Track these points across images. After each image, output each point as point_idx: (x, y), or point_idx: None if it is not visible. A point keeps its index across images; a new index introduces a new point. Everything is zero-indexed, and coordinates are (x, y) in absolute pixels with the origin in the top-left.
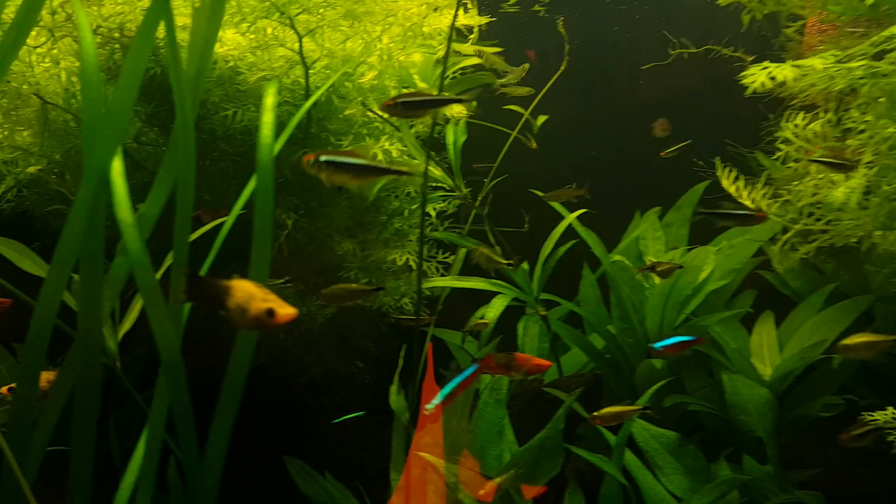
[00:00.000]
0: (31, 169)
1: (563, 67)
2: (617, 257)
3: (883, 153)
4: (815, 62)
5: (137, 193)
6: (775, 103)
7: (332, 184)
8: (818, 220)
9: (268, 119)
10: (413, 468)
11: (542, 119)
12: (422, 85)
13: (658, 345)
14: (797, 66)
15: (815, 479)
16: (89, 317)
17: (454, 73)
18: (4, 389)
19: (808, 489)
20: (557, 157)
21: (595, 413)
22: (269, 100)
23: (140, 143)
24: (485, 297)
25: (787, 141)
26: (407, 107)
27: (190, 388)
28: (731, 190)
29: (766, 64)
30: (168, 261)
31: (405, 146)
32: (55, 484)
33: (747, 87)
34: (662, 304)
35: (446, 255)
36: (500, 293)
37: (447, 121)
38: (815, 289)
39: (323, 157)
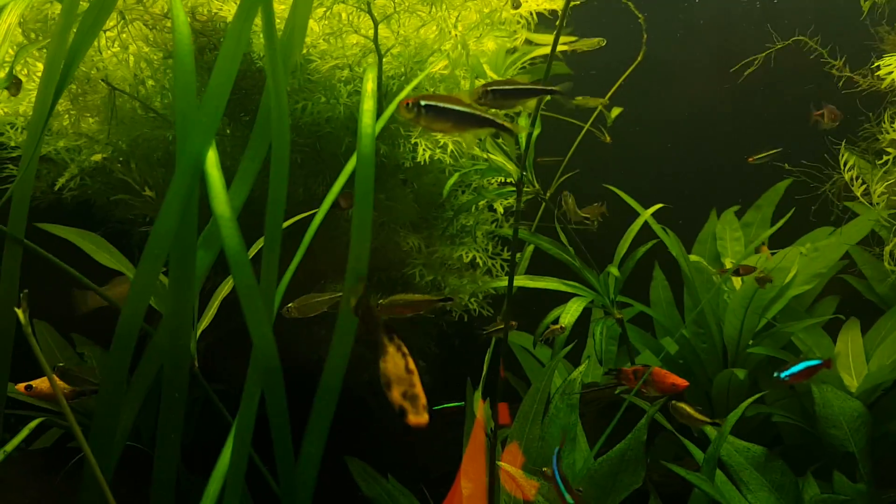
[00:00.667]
0: (96, 157)
1: (639, 58)
2: (695, 258)
3: None
4: None
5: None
6: (871, 101)
7: (429, 130)
8: None
9: (368, 107)
10: (479, 477)
11: (616, 111)
12: (492, 75)
13: (784, 374)
14: None
15: None
16: (179, 314)
17: (524, 63)
18: (21, 387)
19: None
20: (632, 152)
21: (675, 402)
22: (370, 85)
23: None
24: (552, 297)
25: (893, 143)
26: (498, 95)
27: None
28: (847, 178)
29: None
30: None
31: (481, 139)
32: (129, 480)
33: (840, 82)
34: (744, 309)
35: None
36: (576, 294)
37: (518, 113)
38: None
39: (423, 102)
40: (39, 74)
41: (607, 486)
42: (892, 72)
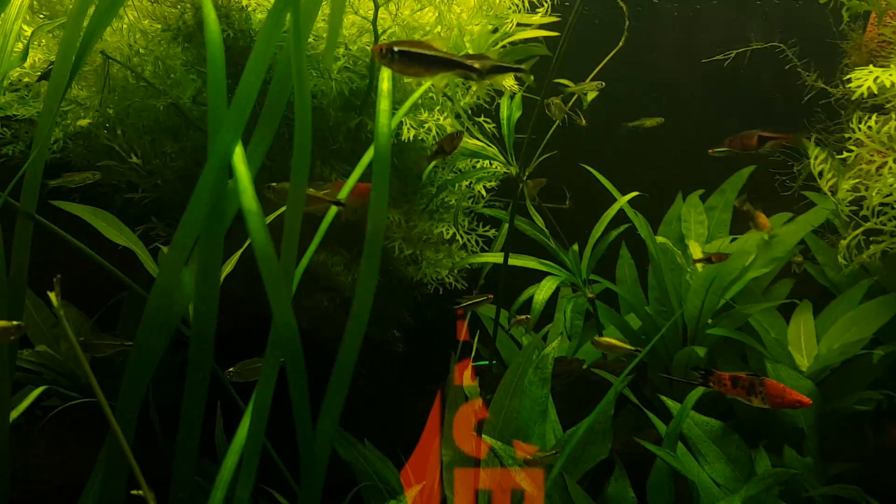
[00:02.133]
0: (82, 122)
1: (620, 44)
2: (661, 239)
3: None
4: None
5: (191, 156)
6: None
7: (403, 74)
8: (890, 220)
9: (385, 107)
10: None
11: (592, 95)
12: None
13: None
14: None
15: (852, 473)
16: (205, 300)
17: (504, 44)
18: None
19: (843, 482)
20: (607, 136)
21: (596, 338)
22: (385, 85)
23: (197, 102)
24: (526, 274)
25: (858, 142)
26: (405, 60)
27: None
28: (816, 173)
29: (870, 68)
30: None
31: (458, 119)
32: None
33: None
34: (705, 290)
35: (487, 227)
36: (550, 273)
37: (501, 94)
38: (853, 282)
39: (396, 48)
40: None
41: (576, 456)
42: (860, 85)
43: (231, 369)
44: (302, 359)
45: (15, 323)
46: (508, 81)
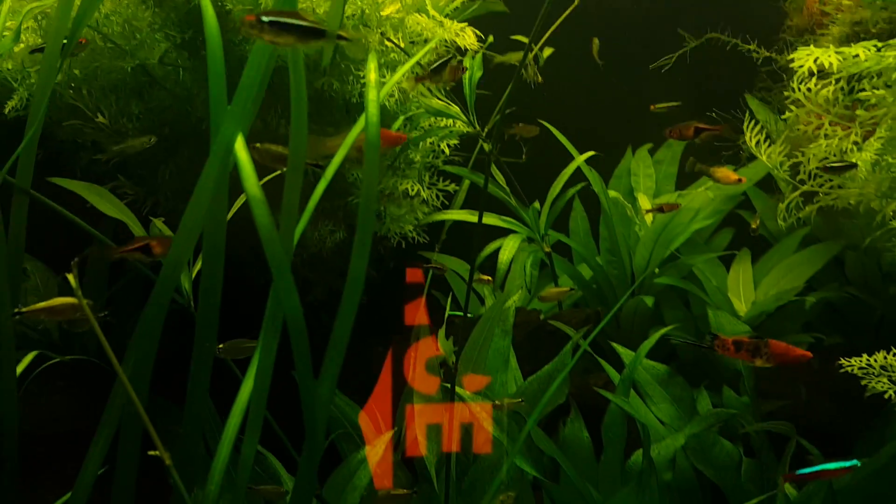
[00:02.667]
0: None
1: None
2: (613, 193)
3: (894, 129)
4: (860, 51)
5: (157, 116)
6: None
7: (275, 44)
8: (822, 184)
9: (373, 97)
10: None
11: (548, 52)
12: (433, 13)
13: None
14: (840, 53)
15: (784, 411)
16: (211, 277)
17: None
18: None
19: (776, 419)
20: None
21: (542, 293)
22: (373, 76)
23: (163, 62)
24: (486, 230)
25: (796, 102)
26: (275, 29)
27: None
28: (752, 145)
29: (811, 49)
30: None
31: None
32: None
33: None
34: (653, 242)
35: (447, 182)
36: (510, 229)
37: (463, 53)
38: (789, 231)
39: (265, 17)
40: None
41: (536, 401)
42: (802, 64)
43: (221, 346)
44: (305, 331)
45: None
46: (469, 40)
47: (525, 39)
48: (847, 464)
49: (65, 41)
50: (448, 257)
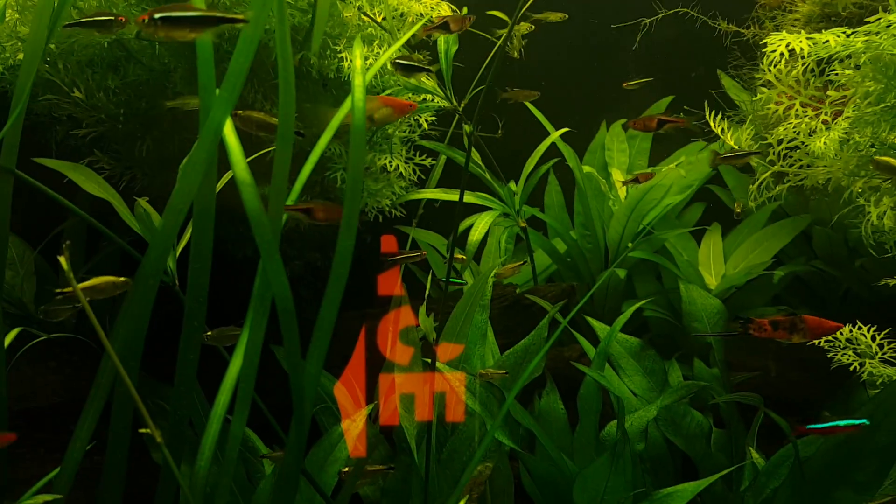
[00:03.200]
0: (20, 55)
1: None
2: (588, 168)
3: (861, 108)
4: (830, 38)
5: (133, 90)
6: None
7: (172, 38)
8: (793, 164)
9: (359, 82)
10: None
11: (524, 27)
12: None
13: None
14: (810, 38)
15: (752, 383)
16: (200, 258)
17: None
18: None
19: (745, 390)
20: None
21: (497, 270)
22: (358, 62)
23: (139, 38)
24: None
25: (768, 84)
26: (168, 24)
27: None
28: (718, 131)
29: (783, 35)
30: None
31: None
32: None
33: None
34: (627, 216)
35: (423, 157)
36: (486, 206)
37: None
38: (758, 205)
39: (157, 14)
40: None
41: (514, 374)
42: (775, 50)
43: (209, 333)
44: (293, 311)
45: (122, 279)
46: (445, 13)
47: (503, 16)
48: (857, 422)
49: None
50: (425, 231)
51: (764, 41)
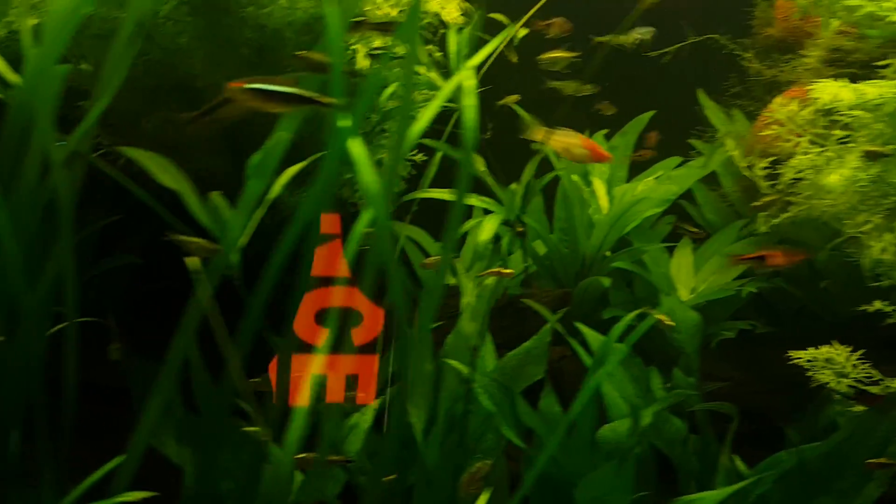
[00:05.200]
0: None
1: None
2: (575, 177)
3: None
4: (869, 90)
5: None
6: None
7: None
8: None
9: (469, 103)
10: None
11: (523, 32)
12: None
13: None
14: (856, 90)
15: (721, 392)
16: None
17: None
18: None
19: (715, 399)
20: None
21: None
22: (469, 83)
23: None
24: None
25: (778, 122)
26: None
27: None
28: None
29: (827, 83)
30: None
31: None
32: None
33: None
34: (609, 226)
35: (414, 152)
36: (486, 209)
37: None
38: (726, 222)
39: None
40: None
41: (515, 375)
42: (819, 97)
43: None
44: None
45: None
46: (453, 14)
47: (503, 18)
48: None
49: None
50: (410, 226)
51: (810, 88)
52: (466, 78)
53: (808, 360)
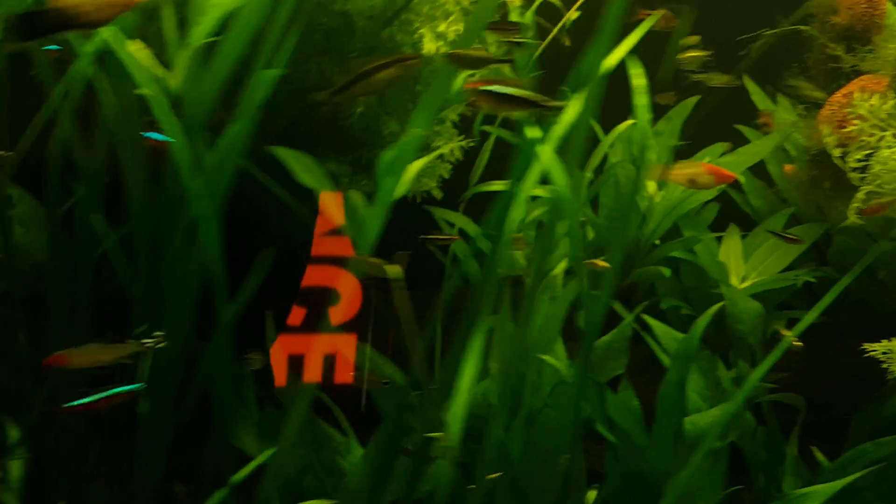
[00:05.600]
0: None
1: None
2: (629, 166)
3: None
4: None
5: None
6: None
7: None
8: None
9: (642, 102)
10: None
11: (574, 15)
12: None
13: None
14: None
15: (782, 383)
16: None
17: None
18: None
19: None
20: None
21: None
22: (639, 81)
23: None
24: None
25: (861, 117)
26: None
27: None
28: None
29: None
30: None
31: None
32: None
33: None
34: (663, 214)
35: (461, 137)
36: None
37: None
38: (772, 210)
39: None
40: None
41: (596, 370)
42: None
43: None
44: None
45: None
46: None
47: (558, 2)
48: None
49: None
50: (454, 213)
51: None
52: (636, 76)
53: (884, 353)
